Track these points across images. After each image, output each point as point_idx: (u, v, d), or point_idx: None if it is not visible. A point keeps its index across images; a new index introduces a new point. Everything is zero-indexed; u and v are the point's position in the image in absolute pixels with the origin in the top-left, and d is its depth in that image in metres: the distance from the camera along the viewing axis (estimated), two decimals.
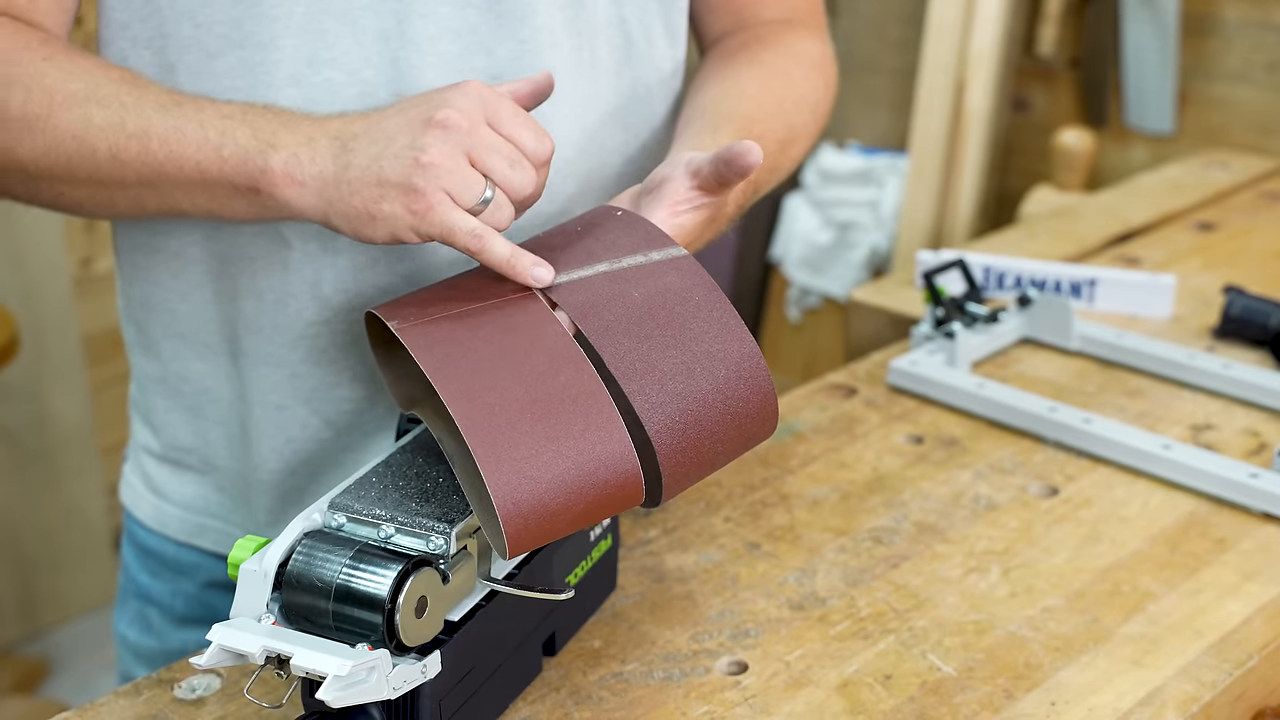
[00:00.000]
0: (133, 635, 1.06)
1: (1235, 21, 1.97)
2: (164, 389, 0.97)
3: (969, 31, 2.10)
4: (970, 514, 0.97)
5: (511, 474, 0.65)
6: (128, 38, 0.87)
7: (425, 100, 0.76)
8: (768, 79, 0.95)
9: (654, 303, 0.73)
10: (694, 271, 0.75)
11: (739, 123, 0.88)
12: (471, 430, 0.66)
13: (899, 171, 2.29)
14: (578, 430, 0.67)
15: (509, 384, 0.68)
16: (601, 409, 0.67)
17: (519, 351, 0.70)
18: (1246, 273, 1.38)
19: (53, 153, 0.80)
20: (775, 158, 0.91)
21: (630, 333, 0.72)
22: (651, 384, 0.70)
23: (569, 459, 0.66)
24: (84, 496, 2.53)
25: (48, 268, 2.40)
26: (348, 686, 0.63)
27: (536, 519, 0.66)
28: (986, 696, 0.79)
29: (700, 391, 0.71)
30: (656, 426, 0.69)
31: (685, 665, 0.82)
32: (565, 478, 0.66)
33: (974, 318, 1.21)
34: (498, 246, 0.74)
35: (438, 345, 0.71)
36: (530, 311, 0.73)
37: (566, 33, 0.90)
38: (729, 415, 0.71)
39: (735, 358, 0.72)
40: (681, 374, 0.71)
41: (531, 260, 0.75)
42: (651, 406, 0.70)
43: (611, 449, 0.67)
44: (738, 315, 0.73)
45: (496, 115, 0.75)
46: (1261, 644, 0.84)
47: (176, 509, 1.00)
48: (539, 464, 0.66)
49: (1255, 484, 0.97)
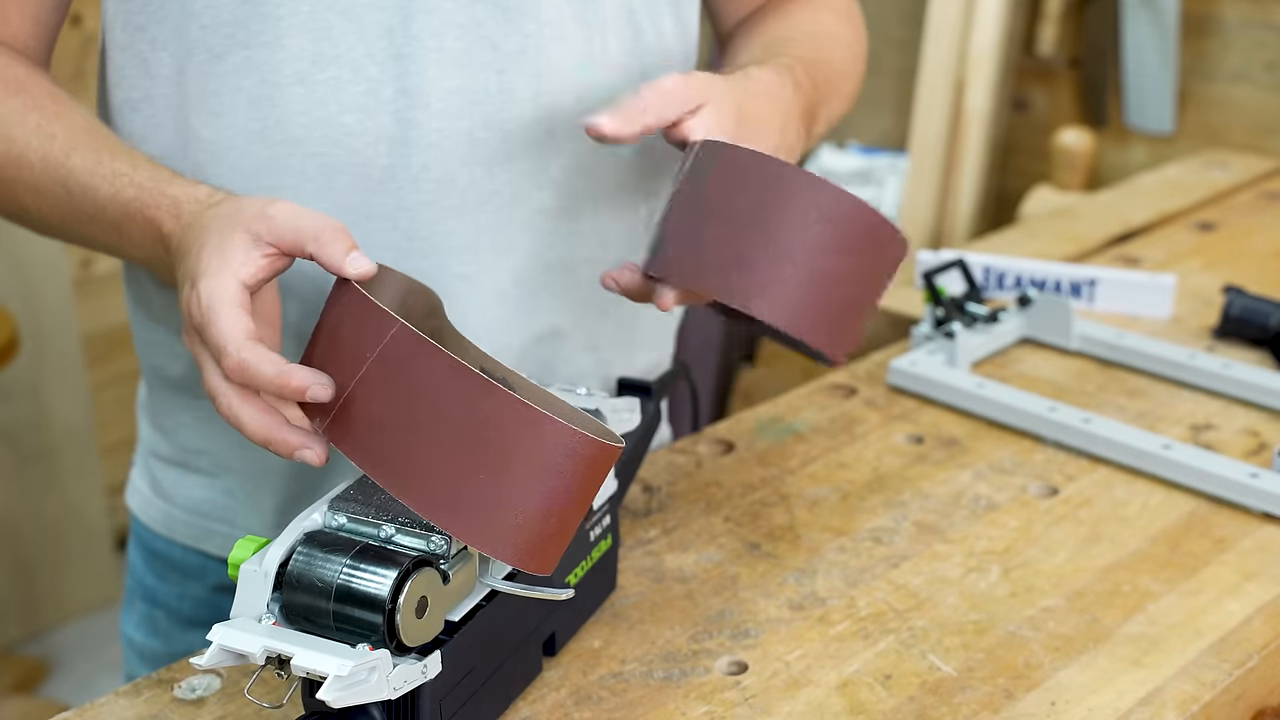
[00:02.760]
0: (140, 638, 1.06)
1: (1235, 21, 1.97)
2: (174, 390, 0.97)
3: (969, 31, 2.10)
4: (970, 514, 0.97)
5: (496, 529, 0.65)
6: (146, 40, 0.87)
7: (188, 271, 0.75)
8: (796, 24, 0.98)
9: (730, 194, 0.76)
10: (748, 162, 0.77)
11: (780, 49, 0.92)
12: (432, 509, 0.66)
13: (899, 171, 2.29)
14: (522, 450, 0.65)
15: (440, 445, 0.66)
16: (527, 418, 0.65)
17: (429, 405, 0.67)
18: (1246, 273, 1.38)
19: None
20: (827, 82, 0.95)
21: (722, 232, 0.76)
22: (746, 278, 0.74)
23: (534, 479, 0.65)
24: (84, 496, 2.53)
25: (48, 268, 2.40)
26: (348, 686, 0.63)
27: (542, 540, 0.67)
28: (986, 696, 0.79)
29: (798, 258, 0.74)
30: (772, 315, 0.73)
31: (685, 665, 0.82)
32: (541, 496, 0.66)
33: (974, 318, 1.21)
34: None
35: (362, 437, 0.69)
36: (420, 358, 0.67)
37: (575, 25, 0.89)
38: (845, 261, 0.75)
39: (824, 205, 0.74)
40: (771, 258, 0.74)
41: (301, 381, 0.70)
42: (759, 302, 0.74)
43: (561, 443, 0.65)
44: (806, 173, 0.75)
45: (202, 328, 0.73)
46: (1261, 644, 0.84)
47: (184, 513, 1.00)
48: (512, 504, 0.65)
49: (1255, 484, 0.97)
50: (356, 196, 0.86)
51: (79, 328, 2.47)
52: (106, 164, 0.81)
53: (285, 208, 0.73)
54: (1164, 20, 2.00)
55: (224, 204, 0.76)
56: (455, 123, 0.86)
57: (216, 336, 0.70)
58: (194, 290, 0.72)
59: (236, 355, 0.69)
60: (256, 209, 0.73)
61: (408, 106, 0.85)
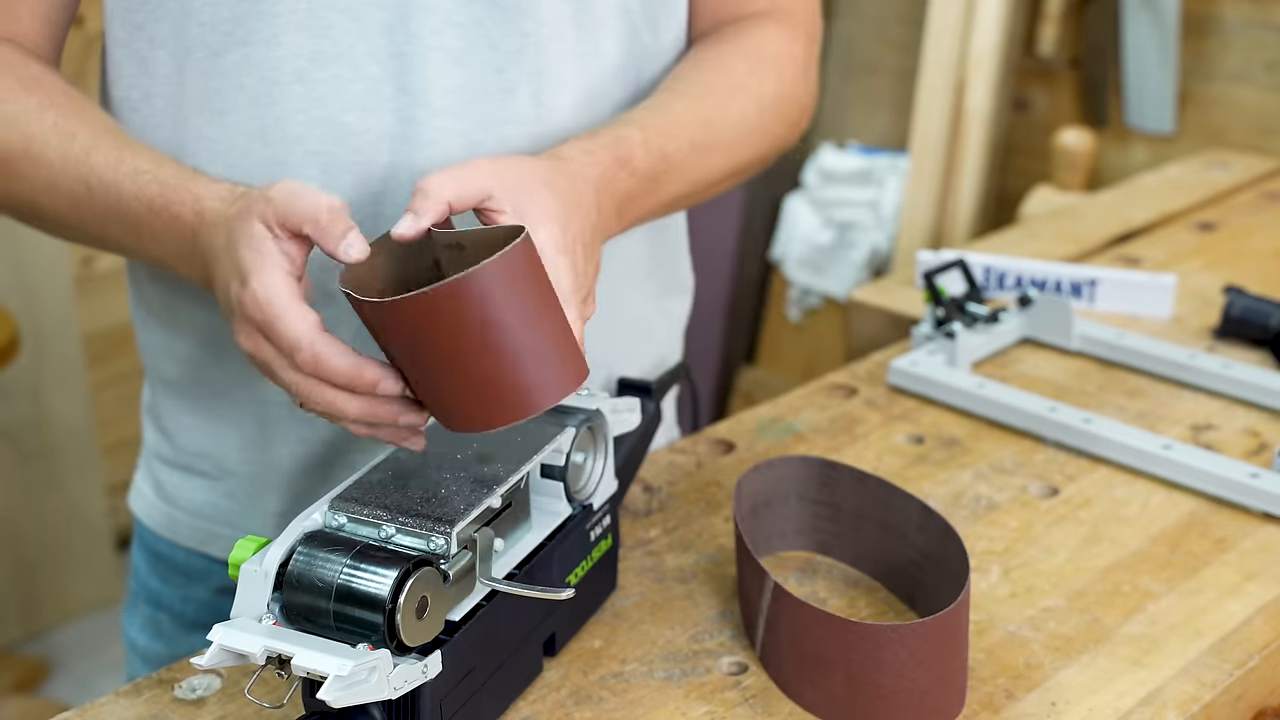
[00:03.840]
0: (143, 641, 1.06)
1: (1235, 21, 1.97)
2: (178, 393, 0.97)
3: (969, 31, 2.10)
4: (970, 514, 0.97)
5: (534, 383, 0.69)
6: (144, 38, 0.87)
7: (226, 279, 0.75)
8: (705, 72, 0.94)
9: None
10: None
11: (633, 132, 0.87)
12: (482, 420, 0.70)
13: (899, 171, 2.29)
14: (480, 319, 0.67)
15: (447, 374, 0.69)
16: (453, 292, 0.67)
17: (428, 351, 0.70)
18: (1247, 273, 1.38)
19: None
20: (687, 154, 0.90)
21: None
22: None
23: (505, 327, 0.68)
24: (84, 496, 2.53)
25: (48, 268, 2.40)
26: (349, 686, 0.63)
27: (560, 351, 0.70)
28: (987, 696, 0.79)
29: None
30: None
31: (686, 665, 0.82)
32: (523, 331, 0.68)
33: (974, 318, 1.21)
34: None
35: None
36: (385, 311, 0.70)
37: (571, 25, 0.89)
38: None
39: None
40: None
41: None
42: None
43: (490, 285, 0.67)
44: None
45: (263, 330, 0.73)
46: (1262, 644, 0.84)
47: (187, 516, 1.00)
48: (520, 359, 0.69)
49: (1255, 484, 0.97)
50: (357, 194, 0.86)
51: (79, 327, 2.47)
52: (129, 161, 0.81)
53: (281, 190, 0.72)
54: (1164, 20, 2.00)
55: (243, 198, 0.76)
56: (455, 121, 0.86)
57: (286, 332, 0.70)
58: (245, 289, 0.71)
59: (310, 349, 0.70)
60: (259, 194, 0.73)
61: (408, 105, 0.85)
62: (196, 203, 0.78)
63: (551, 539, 0.79)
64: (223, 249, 0.74)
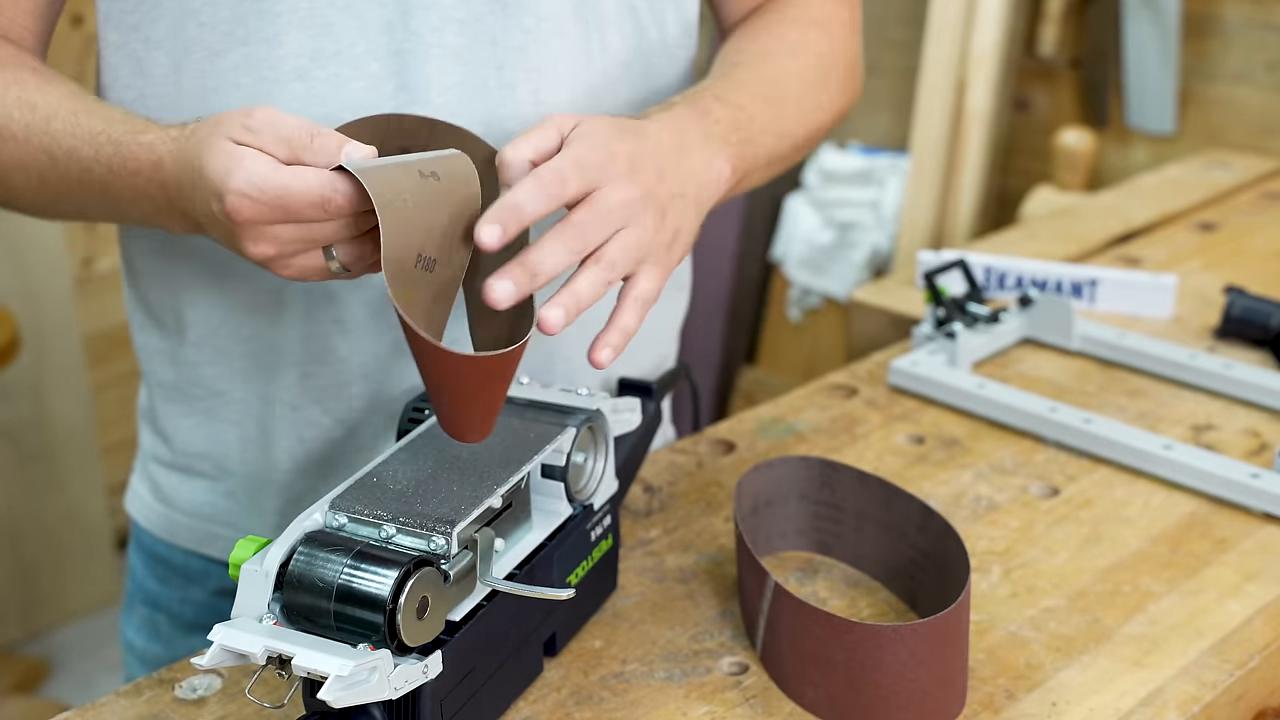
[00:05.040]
0: (140, 642, 1.06)
1: (1236, 21, 1.97)
2: (176, 394, 0.97)
3: (970, 31, 2.10)
4: (971, 514, 0.97)
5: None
6: (140, 39, 0.87)
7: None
8: (756, 39, 0.95)
9: None
10: None
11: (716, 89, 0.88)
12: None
13: (900, 171, 2.29)
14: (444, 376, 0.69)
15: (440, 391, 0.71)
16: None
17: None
18: (1247, 273, 1.38)
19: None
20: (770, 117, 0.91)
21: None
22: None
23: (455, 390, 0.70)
24: (84, 496, 2.53)
25: (48, 268, 2.40)
26: (349, 687, 0.63)
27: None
28: (987, 696, 0.79)
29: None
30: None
31: (686, 665, 0.82)
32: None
33: (975, 318, 1.21)
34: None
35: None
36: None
37: (573, 20, 0.89)
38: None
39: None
40: None
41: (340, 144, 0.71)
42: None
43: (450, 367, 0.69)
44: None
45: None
46: (1262, 644, 0.84)
47: (185, 517, 1.00)
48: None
49: (1256, 484, 0.97)
50: None
51: (80, 328, 2.48)
52: (84, 125, 0.80)
53: (264, 115, 0.71)
54: (1165, 20, 2.00)
55: (200, 127, 0.74)
56: (455, 118, 0.86)
57: (303, 190, 0.68)
58: (229, 192, 0.69)
59: (333, 183, 0.68)
60: (238, 121, 0.72)
61: (409, 102, 0.85)
62: (150, 152, 0.77)
63: (552, 539, 0.79)
64: (191, 184, 0.73)
